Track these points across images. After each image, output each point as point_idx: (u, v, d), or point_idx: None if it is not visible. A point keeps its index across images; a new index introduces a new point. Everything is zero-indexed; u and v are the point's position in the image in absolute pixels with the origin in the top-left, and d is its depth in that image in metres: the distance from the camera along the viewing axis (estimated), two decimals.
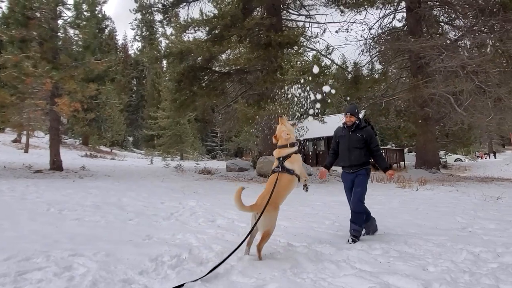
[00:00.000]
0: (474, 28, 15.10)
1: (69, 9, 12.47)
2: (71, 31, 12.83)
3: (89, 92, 13.11)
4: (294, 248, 3.91)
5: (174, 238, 4.22)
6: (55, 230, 4.32)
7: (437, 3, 17.29)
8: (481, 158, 37.53)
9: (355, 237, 4.34)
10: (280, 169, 3.69)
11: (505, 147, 42.76)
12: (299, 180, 3.81)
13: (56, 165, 12.77)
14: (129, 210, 5.99)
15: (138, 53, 51.97)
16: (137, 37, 53.07)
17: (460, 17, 16.60)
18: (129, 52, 54.77)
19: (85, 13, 12.63)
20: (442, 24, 17.94)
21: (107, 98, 24.29)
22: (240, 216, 5.79)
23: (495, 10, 14.20)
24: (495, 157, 36.78)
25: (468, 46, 16.37)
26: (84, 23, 12.40)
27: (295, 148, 3.84)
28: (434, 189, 10.18)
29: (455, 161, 32.13)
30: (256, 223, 3.43)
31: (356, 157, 4.56)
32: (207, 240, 4.16)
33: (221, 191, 9.42)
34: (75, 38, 13.10)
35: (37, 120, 17.35)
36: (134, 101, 48.88)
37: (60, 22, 12.65)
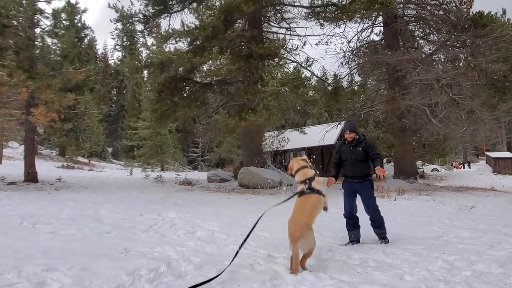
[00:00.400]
0: (448, 43, 15.69)
1: (47, 17, 12.27)
2: (49, 40, 12.61)
3: (67, 102, 12.85)
4: (274, 259, 3.91)
5: (153, 251, 4.14)
6: (28, 244, 4.17)
7: (413, 19, 17.89)
8: (457, 168, 38.62)
9: (384, 238, 4.96)
10: (309, 190, 3.82)
11: (479, 157, 44.19)
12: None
13: (31, 176, 12.39)
14: (106, 223, 5.85)
15: (119, 63, 51.53)
16: (117, 47, 52.64)
17: (434, 32, 17.23)
18: (109, 62, 54.25)
19: (63, 22, 12.46)
20: (418, 38, 18.54)
21: (85, 108, 23.86)
22: (221, 228, 5.76)
23: (466, 26, 14.81)
24: (469, 167, 37.92)
25: (442, 60, 16.99)
26: (62, 32, 12.21)
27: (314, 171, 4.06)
28: (411, 199, 10.40)
29: (432, 171, 32.93)
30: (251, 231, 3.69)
31: (360, 169, 4.99)
32: (186, 252, 4.11)
33: (201, 202, 9.34)
34: (53, 47, 12.87)
35: (12, 130, 16.87)
36: (114, 111, 48.18)
37: (37, 30, 12.43)
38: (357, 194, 5.03)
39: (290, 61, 16.34)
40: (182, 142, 39.57)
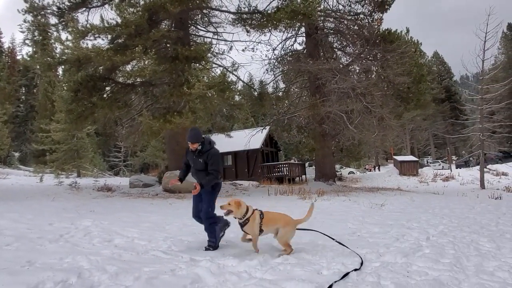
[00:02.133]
0: (362, 55, 17.14)
1: None
2: None
3: None
4: (196, 263, 3.83)
5: (62, 262, 3.75)
6: None
7: (332, 31, 19.20)
8: (369, 171, 42.12)
9: (210, 246, 4.68)
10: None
11: (388, 160, 48.77)
12: None
13: None
14: (7, 234, 5.17)
15: (28, 58, 46.58)
16: (27, 41, 47.47)
17: (350, 45, 18.71)
18: (17, 57, 48.72)
19: None
20: (336, 50, 19.94)
21: None
22: (141, 234, 5.49)
23: (377, 41, 16.34)
24: (379, 170, 41.62)
25: (357, 71, 18.48)
26: None
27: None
28: (330, 200, 11.06)
29: (348, 174, 35.45)
30: None
31: (202, 178, 4.72)
32: (101, 261, 3.81)
33: (121, 209, 8.81)
34: None
35: None
36: (22, 111, 43.44)
37: None
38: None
39: (216, 65, 16.39)
40: (102, 146, 37.10)
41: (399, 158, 34.69)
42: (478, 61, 19.83)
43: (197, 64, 13.94)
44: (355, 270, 3.58)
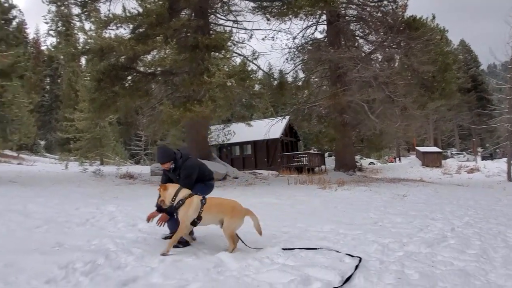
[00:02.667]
0: (385, 43, 16.70)
1: None
2: None
3: None
4: (219, 249, 3.87)
5: (89, 244, 3.89)
6: None
7: (354, 19, 18.77)
8: (390, 162, 41.40)
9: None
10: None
11: (410, 152, 47.76)
12: None
13: None
14: (36, 218, 5.38)
15: (53, 49, 47.70)
16: (51, 32, 48.59)
17: (373, 33, 18.24)
18: (42, 48, 49.94)
19: None
20: (358, 38, 19.50)
21: (14, 97, 21.83)
22: None
23: (401, 28, 15.86)
24: (400, 161, 40.83)
25: (379, 59, 18.04)
26: None
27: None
28: (351, 189, 10.93)
29: (369, 164, 34.99)
30: None
31: None
32: (126, 244, 3.91)
33: (143, 196, 8.99)
34: None
35: None
36: (47, 101, 44.63)
37: None
38: None
39: (236, 54, 16.29)
40: (123, 135, 37.81)
41: (422, 149, 33.94)
42: (508, 49, 19.03)
43: (217, 53, 13.91)
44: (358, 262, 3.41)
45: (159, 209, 4.06)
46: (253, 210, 6.26)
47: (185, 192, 3.86)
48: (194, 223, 3.80)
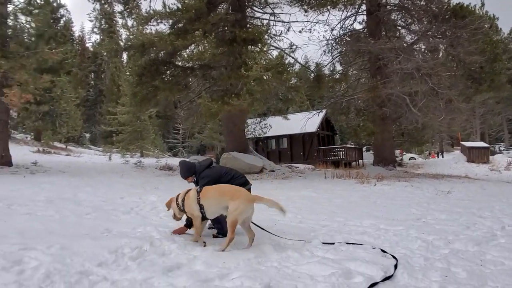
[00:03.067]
0: (428, 33, 15.92)
1: None
2: (22, 18, 12.02)
3: (42, 84, 12.42)
4: (258, 240, 3.91)
5: (135, 231, 4.08)
6: (3, 225, 4.02)
7: (395, 8, 18.03)
8: (432, 157, 39.69)
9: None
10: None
11: (454, 147, 45.53)
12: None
13: (4, 160, 11.92)
14: (86, 205, 5.71)
15: (97, 46, 49.88)
16: (95, 29, 50.79)
17: (416, 22, 17.43)
18: (87, 45, 52.43)
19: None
20: (400, 28, 18.73)
21: (62, 92, 23.13)
22: None
23: (447, 16, 15.05)
24: (442, 156, 39.01)
25: (422, 50, 17.25)
26: (37, 10, 11.68)
27: None
28: (391, 185, 10.62)
29: (409, 159, 33.75)
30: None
31: None
32: (169, 233, 4.07)
33: (182, 187, 9.23)
34: (27, 26, 12.32)
35: None
36: (92, 96, 46.85)
37: (10, 7, 11.85)
38: None
39: (273, 47, 16.22)
40: (162, 128, 39.00)
41: (468, 144, 32.18)
42: None
43: (254, 47, 13.93)
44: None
45: (189, 224, 4.13)
46: (290, 203, 6.31)
47: (183, 192, 4.00)
48: (203, 216, 3.79)
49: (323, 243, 3.78)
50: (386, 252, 3.47)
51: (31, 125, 25.89)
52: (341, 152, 23.89)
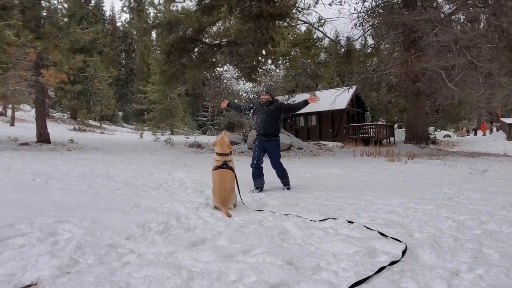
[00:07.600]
0: (468, 2, 14.90)
1: None
2: None
3: (75, 64, 12.78)
4: (282, 217, 3.92)
5: (162, 207, 4.20)
6: (40, 199, 4.26)
7: None
8: (468, 134, 38.05)
9: (286, 185, 5.92)
10: (226, 166, 4.46)
11: (493, 124, 43.30)
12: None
13: (43, 137, 12.55)
14: (117, 181, 5.94)
15: (127, 25, 50.57)
16: (125, 8, 51.46)
17: None
18: (117, 24, 53.24)
19: None
20: None
21: (95, 71, 23.75)
22: None
23: None
24: (475, 134, 37.23)
25: (461, 21, 16.20)
26: None
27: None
28: (422, 163, 10.29)
29: (444, 137, 32.52)
30: None
31: (269, 128, 5.77)
32: (195, 208, 4.16)
33: (209, 164, 9.38)
34: (59, 7, 12.61)
35: (23, 92, 16.96)
36: (123, 75, 47.93)
37: None
38: (266, 150, 5.85)
39: (301, 22, 15.76)
40: (191, 106, 39.46)
41: (508, 120, 30.51)
42: None
43: (282, 22, 13.59)
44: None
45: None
46: (317, 181, 6.27)
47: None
48: None
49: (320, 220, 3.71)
50: (386, 236, 3.32)
51: (67, 104, 26.94)
52: (371, 130, 23.33)
